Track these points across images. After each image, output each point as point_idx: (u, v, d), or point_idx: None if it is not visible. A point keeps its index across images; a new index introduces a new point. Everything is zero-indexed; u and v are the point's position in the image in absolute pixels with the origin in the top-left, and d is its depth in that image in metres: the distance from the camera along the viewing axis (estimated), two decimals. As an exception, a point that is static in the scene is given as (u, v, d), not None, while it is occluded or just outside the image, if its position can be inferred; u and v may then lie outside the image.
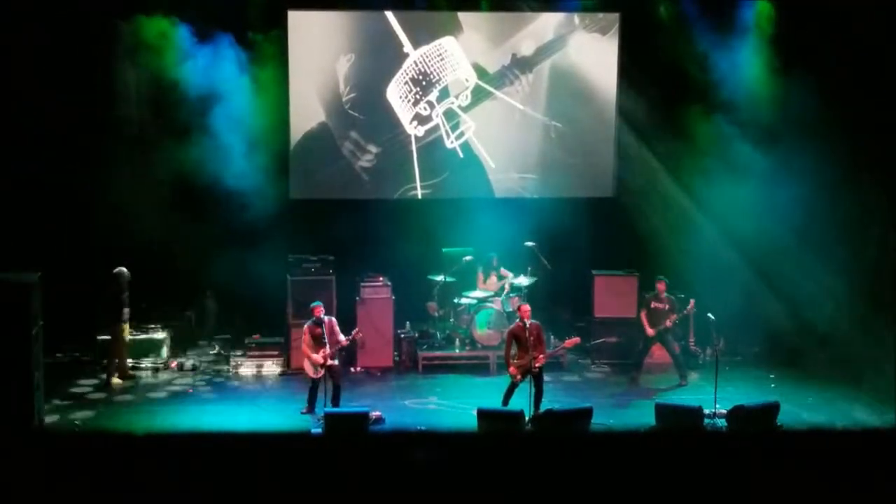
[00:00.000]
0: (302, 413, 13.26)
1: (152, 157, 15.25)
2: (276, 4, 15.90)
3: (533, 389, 12.65)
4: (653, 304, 14.83)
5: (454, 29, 16.43)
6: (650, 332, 14.72)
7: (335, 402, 13.06)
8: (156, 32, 15.41)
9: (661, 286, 14.76)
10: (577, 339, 13.58)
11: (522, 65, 16.61)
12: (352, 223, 16.26)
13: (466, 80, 16.54)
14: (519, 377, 12.75)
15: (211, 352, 16.02)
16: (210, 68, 15.45)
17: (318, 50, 16.27)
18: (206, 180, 15.30)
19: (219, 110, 15.36)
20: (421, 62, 16.40)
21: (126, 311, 14.72)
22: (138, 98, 15.56)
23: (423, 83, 16.47)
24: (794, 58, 15.52)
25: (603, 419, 12.60)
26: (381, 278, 15.55)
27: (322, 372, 13.08)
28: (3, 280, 11.93)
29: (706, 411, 12.40)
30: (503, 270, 15.94)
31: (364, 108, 16.42)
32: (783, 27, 15.86)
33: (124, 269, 14.74)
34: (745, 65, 16.13)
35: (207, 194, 15.50)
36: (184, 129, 15.26)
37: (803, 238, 15.10)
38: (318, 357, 13.04)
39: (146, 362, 15.22)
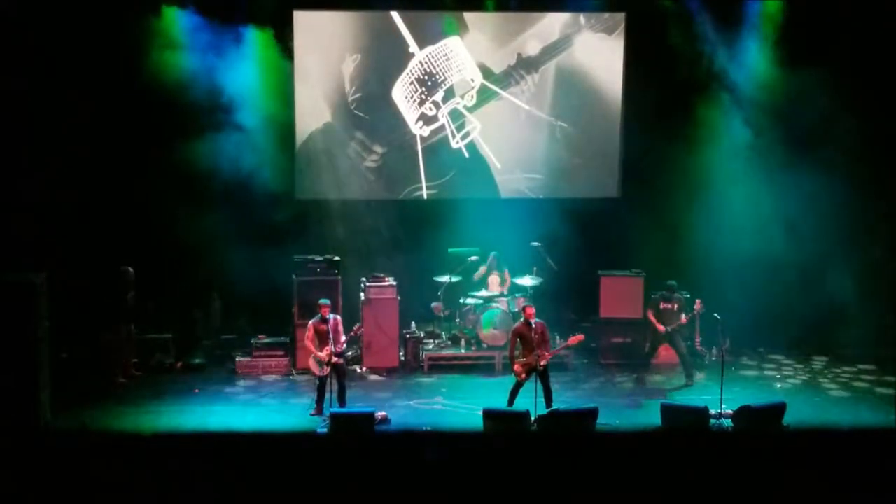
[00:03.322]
0: (311, 415, 13.22)
1: (157, 156, 15.22)
2: (282, 4, 15.89)
3: (541, 388, 12.66)
4: (661, 305, 14.80)
5: (460, 29, 16.42)
6: (662, 329, 14.65)
7: (341, 401, 13.06)
8: (163, 25, 15.39)
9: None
10: (580, 337, 13.56)
11: (528, 65, 16.60)
12: (357, 223, 16.27)
13: (472, 81, 16.54)
14: (524, 376, 12.75)
15: (216, 352, 16.01)
16: (214, 67, 15.43)
17: (323, 50, 16.26)
18: (212, 180, 15.30)
19: (224, 110, 15.34)
20: (426, 62, 16.39)
21: (131, 310, 14.75)
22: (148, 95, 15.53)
23: (429, 83, 16.46)
24: (804, 54, 15.46)
25: (609, 419, 12.58)
26: (386, 279, 15.53)
27: (328, 370, 13.07)
28: (10, 280, 11.95)
29: (712, 411, 12.37)
30: (505, 273, 15.94)
31: (370, 109, 16.43)
32: (792, 23, 15.81)
33: (130, 269, 14.77)
34: (753, 63, 16.09)
35: (213, 194, 15.49)
36: (189, 128, 15.23)
37: (810, 237, 15.06)
38: (323, 354, 13.05)
39: (152, 362, 15.23)
